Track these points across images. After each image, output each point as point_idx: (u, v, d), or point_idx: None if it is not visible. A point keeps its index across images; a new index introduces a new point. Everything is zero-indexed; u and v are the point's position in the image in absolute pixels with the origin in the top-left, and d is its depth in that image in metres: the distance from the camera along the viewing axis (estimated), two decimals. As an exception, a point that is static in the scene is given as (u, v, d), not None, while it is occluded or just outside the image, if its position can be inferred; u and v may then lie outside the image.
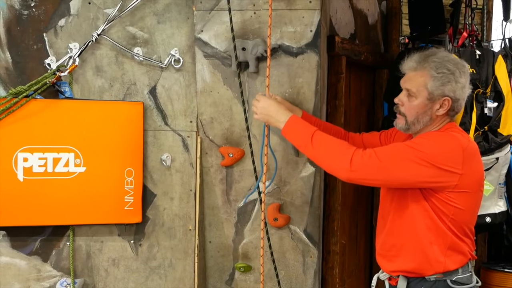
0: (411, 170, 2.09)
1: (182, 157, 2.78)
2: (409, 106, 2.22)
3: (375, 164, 2.10)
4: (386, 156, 2.12)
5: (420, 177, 2.11)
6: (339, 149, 2.17)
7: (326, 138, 2.22)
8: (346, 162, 2.11)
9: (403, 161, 2.10)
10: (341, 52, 3.07)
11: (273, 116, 2.35)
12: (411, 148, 2.11)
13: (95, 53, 2.71)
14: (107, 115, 2.68)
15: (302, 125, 2.29)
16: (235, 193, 2.81)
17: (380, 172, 2.11)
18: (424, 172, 2.09)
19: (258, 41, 2.60)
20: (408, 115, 2.23)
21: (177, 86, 2.74)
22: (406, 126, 2.26)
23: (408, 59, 2.27)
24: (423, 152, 2.08)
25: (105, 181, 2.69)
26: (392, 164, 2.11)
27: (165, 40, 2.72)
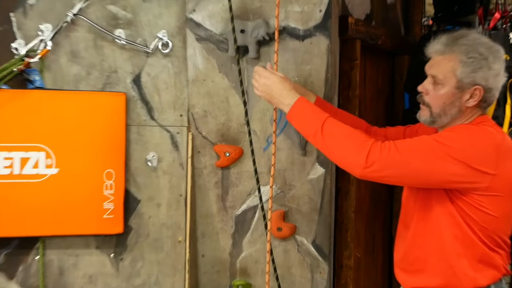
0: (436, 167, 2.13)
1: (171, 156, 2.83)
2: (434, 95, 2.27)
3: (394, 158, 2.14)
4: (408, 149, 2.16)
5: (446, 175, 2.14)
6: (354, 140, 2.20)
7: (339, 127, 2.25)
8: (362, 155, 2.15)
9: (427, 156, 2.14)
10: (355, 35, 3.13)
11: (277, 97, 2.38)
12: (437, 142, 2.15)
13: (70, 36, 2.74)
14: (84, 108, 2.72)
15: (311, 109, 2.32)
16: (232, 199, 2.86)
17: (399, 168, 2.15)
18: (450, 169, 2.12)
19: (260, 22, 2.68)
20: (434, 105, 2.28)
21: (165, 74, 2.80)
22: (431, 119, 2.31)
23: (434, 41, 2.32)
24: (451, 147, 2.12)
25: (80, 184, 2.72)
26: (414, 159, 2.15)
27: (152, 21, 2.77)
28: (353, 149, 2.20)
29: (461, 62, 2.22)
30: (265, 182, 2.83)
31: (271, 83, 2.40)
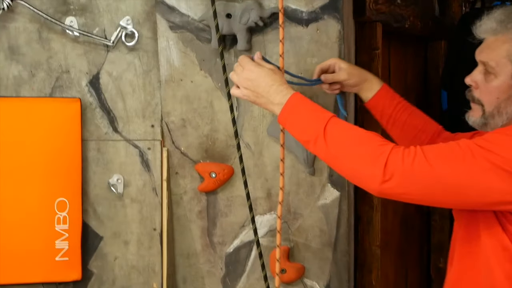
0: (479, 182, 2.01)
1: (141, 179, 2.81)
2: (486, 88, 2.19)
3: (421, 169, 2.01)
4: (440, 157, 2.03)
5: (493, 193, 2.02)
6: (368, 145, 2.09)
7: (348, 129, 2.16)
8: (378, 165, 2.03)
9: (467, 166, 2.01)
10: (374, 17, 3.09)
11: (264, 94, 2.27)
12: (480, 147, 2.02)
13: (8, 27, 2.73)
14: (27, 119, 2.70)
15: (310, 108, 2.23)
16: (221, 233, 2.83)
17: (428, 183, 2.02)
18: (499, 185, 2.00)
19: (250, 3, 2.62)
20: (486, 101, 2.20)
21: (131, 73, 2.78)
22: (482, 120, 2.21)
23: (486, 17, 2.22)
24: (499, 155, 2.00)
25: (25, 218, 2.71)
26: (448, 171, 2.02)
27: (112, 5, 2.74)
28: (366, 157, 2.07)
29: None
30: (263, 210, 2.80)
31: (255, 76, 2.27)
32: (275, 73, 2.28)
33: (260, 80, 2.26)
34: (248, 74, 2.28)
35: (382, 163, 2.02)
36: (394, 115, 2.61)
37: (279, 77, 2.28)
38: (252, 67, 2.29)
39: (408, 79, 3.83)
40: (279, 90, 2.24)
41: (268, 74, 2.27)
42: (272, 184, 2.75)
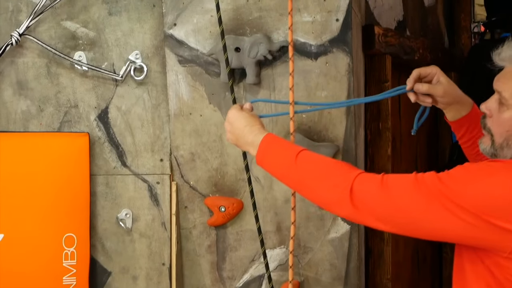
0: (433, 216, 1.98)
1: (150, 214, 2.79)
2: (498, 118, 2.11)
3: (376, 196, 2.01)
4: (397, 185, 2.02)
5: (448, 230, 1.98)
6: (335, 172, 2.11)
7: (317, 159, 2.17)
8: (344, 192, 2.04)
9: (421, 198, 1.99)
10: (384, 49, 3.08)
11: (240, 136, 2.31)
12: (439, 180, 1.99)
13: (17, 62, 2.74)
14: (35, 154, 2.69)
15: (282, 145, 2.24)
16: (230, 267, 2.81)
17: (382, 211, 2.02)
18: (454, 223, 1.96)
19: (259, 37, 2.62)
20: (496, 132, 2.12)
21: (140, 107, 2.77)
22: (491, 150, 2.14)
23: (506, 45, 2.13)
24: (453, 190, 1.96)
25: (32, 254, 2.68)
26: (402, 201, 2.00)
27: (121, 40, 2.75)
28: (333, 183, 2.09)
29: None
30: (273, 244, 2.78)
31: (233, 120, 2.32)
32: (251, 117, 2.32)
33: (236, 123, 2.30)
34: (229, 117, 2.33)
35: (348, 189, 2.03)
36: (473, 139, 2.47)
37: (254, 120, 2.31)
38: (233, 111, 2.33)
39: (418, 111, 3.78)
40: (251, 131, 2.26)
41: (244, 117, 2.31)
42: (282, 218, 2.72)
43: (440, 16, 4.06)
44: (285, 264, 2.77)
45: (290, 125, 2.32)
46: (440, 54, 3.81)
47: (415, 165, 3.76)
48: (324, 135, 2.67)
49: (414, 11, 3.66)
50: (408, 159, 3.59)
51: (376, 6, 3.20)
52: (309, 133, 2.68)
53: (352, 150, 2.69)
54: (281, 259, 2.77)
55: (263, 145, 2.23)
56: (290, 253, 2.41)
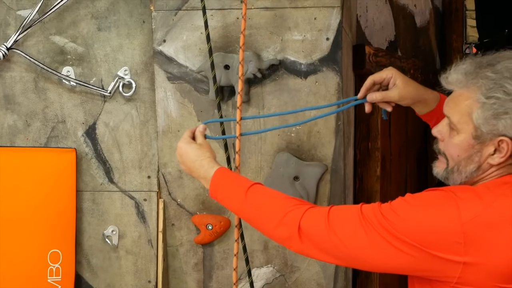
0: (379, 252, 1.96)
1: (136, 231, 2.78)
2: (448, 143, 2.08)
3: (322, 230, 2.00)
4: (340, 220, 2.01)
5: (392, 263, 1.96)
6: (284, 208, 2.09)
7: (265, 193, 2.16)
8: (292, 227, 2.04)
9: (363, 232, 1.97)
10: (374, 69, 3.04)
11: (193, 171, 2.29)
12: (381, 215, 1.98)
13: (4, 76, 2.73)
14: (21, 169, 2.68)
15: (233, 179, 2.23)
16: (217, 285, 2.79)
17: (328, 245, 2.01)
18: (396, 256, 1.94)
19: (248, 55, 2.61)
20: (448, 156, 2.10)
21: (128, 123, 2.76)
22: (444, 174, 2.12)
23: (454, 68, 2.08)
24: (397, 226, 1.94)
25: (16, 269, 2.67)
26: (346, 236, 1.99)
27: (110, 56, 2.74)
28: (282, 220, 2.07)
29: (478, 102, 1.99)
30: (260, 262, 2.76)
31: (182, 152, 2.30)
32: (201, 148, 2.29)
33: (185, 156, 2.28)
34: (178, 151, 2.31)
35: (296, 226, 2.03)
36: None
37: (203, 152, 2.28)
38: (181, 144, 2.31)
39: (409, 132, 3.80)
40: (201, 165, 2.25)
41: (192, 149, 2.28)
42: (269, 237, 2.69)
43: (432, 37, 4.06)
44: (271, 283, 2.75)
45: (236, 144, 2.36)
46: (431, 75, 3.79)
47: (404, 185, 3.74)
48: (312, 154, 2.65)
49: (406, 31, 3.66)
50: (397, 179, 3.57)
51: (368, 26, 3.19)
52: (297, 152, 2.65)
53: (341, 170, 2.66)
54: (267, 278, 2.74)
55: (214, 181, 2.21)
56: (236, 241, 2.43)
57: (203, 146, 2.30)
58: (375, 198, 3.10)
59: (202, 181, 2.26)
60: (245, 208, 2.15)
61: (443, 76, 2.11)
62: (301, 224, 2.02)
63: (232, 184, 2.20)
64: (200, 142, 2.31)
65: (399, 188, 3.66)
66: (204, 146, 2.29)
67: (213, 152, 2.29)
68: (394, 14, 3.49)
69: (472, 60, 2.06)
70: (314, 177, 2.64)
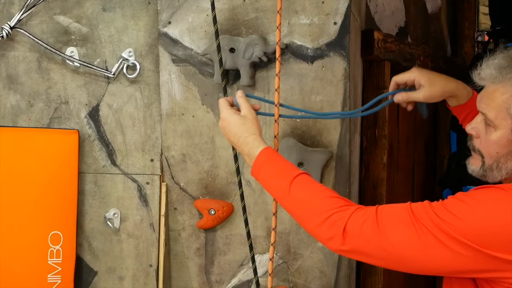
0: (432, 254, 1.92)
1: (138, 214, 2.77)
2: (485, 140, 2.05)
3: (369, 231, 1.96)
4: (389, 222, 1.97)
5: (449, 265, 1.92)
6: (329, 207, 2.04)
7: (311, 187, 2.11)
8: (338, 229, 1.98)
9: (414, 236, 1.93)
10: (383, 55, 3.04)
11: (236, 145, 2.25)
12: (435, 215, 1.93)
13: (7, 56, 2.72)
14: (23, 150, 2.67)
15: (279, 163, 2.18)
16: (219, 271, 2.78)
17: (378, 249, 1.96)
18: (454, 258, 1.90)
19: (255, 38, 2.59)
20: (485, 154, 2.05)
21: (132, 106, 2.74)
22: (481, 171, 2.08)
23: (485, 64, 2.06)
24: (451, 224, 1.89)
25: (17, 250, 2.67)
26: (395, 240, 1.95)
27: (114, 37, 2.72)
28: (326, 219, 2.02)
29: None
30: (263, 249, 2.75)
31: (225, 125, 2.26)
32: (247, 121, 2.24)
33: (228, 129, 2.25)
34: (221, 123, 2.28)
35: (341, 228, 1.99)
36: None
37: (248, 127, 2.23)
38: (224, 115, 2.28)
39: (418, 119, 3.78)
40: (246, 142, 2.21)
41: (236, 124, 2.24)
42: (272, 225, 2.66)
43: (443, 24, 4.03)
44: (274, 270, 2.73)
45: (274, 127, 2.31)
46: (442, 62, 3.77)
47: (412, 173, 3.72)
48: (318, 140, 2.62)
49: (417, 17, 3.63)
50: (405, 167, 3.55)
51: (377, 11, 3.17)
52: (302, 138, 2.63)
53: (346, 157, 2.64)
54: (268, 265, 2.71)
55: (259, 161, 2.17)
56: (270, 260, 2.39)
57: (247, 119, 2.24)
58: (381, 186, 3.07)
59: (246, 158, 2.22)
60: (288, 199, 2.10)
61: (475, 72, 2.08)
62: (347, 227, 1.97)
63: (277, 170, 2.16)
64: (244, 113, 2.25)
65: (406, 177, 3.64)
66: (249, 119, 2.24)
67: (258, 125, 2.24)
68: (405, 0, 3.45)
69: (504, 54, 2.05)
70: (319, 164, 2.61)
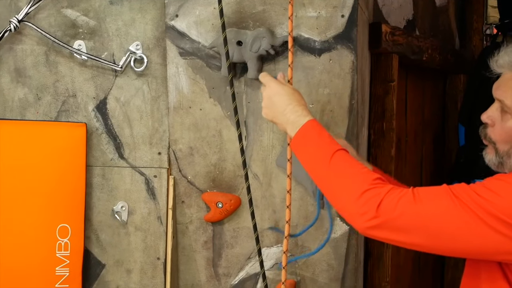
0: (473, 232, 1.89)
1: (146, 207, 2.77)
2: (501, 127, 2.06)
3: (409, 209, 1.92)
4: (429, 200, 1.93)
5: (489, 244, 1.90)
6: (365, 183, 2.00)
7: (351, 163, 2.09)
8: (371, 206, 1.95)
9: (459, 214, 1.90)
10: (391, 48, 3.04)
11: (280, 114, 2.21)
12: (477, 194, 1.91)
13: (15, 49, 2.72)
14: (31, 143, 2.68)
15: (321, 136, 2.15)
16: (226, 264, 2.79)
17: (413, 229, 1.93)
18: (495, 236, 1.88)
19: (262, 31, 2.58)
20: (499, 141, 2.07)
21: (139, 99, 2.74)
22: (497, 159, 2.08)
23: (503, 51, 2.09)
24: (497, 205, 1.87)
25: (25, 243, 2.67)
26: (437, 218, 1.91)
27: (121, 30, 2.72)
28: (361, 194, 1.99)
29: None
30: (270, 242, 2.75)
31: (274, 93, 2.23)
32: (294, 93, 2.24)
33: (277, 98, 2.22)
34: (268, 91, 2.25)
35: (375, 204, 1.95)
36: None
37: (298, 97, 2.23)
38: (274, 84, 2.26)
39: (426, 113, 3.77)
40: (295, 110, 2.18)
41: (287, 93, 2.22)
42: (280, 216, 2.69)
43: (451, 17, 4.01)
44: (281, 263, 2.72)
45: None
46: (450, 56, 3.76)
47: (420, 167, 3.71)
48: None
49: (425, 10, 3.62)
50: (413, 161, 3.54)
51: (385, 4, 3.15)
52: (310, 130, 2.62)
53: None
54: (277, 258, 2.73)
55: (303, 131, 2.15)
56: (284, 253, 2.38)
57: (297, 91, 2.25)
58: (388, 180, 3.07)
59: (288, 126, 2.18)
60: (327, 170, 2.08)
61: (493, 60, 2.08)
62: (383, 202, 1.94)
63: (321, 142, 2.13)
64: (292, 87, 2.27)
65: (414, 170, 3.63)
66: (298, 92, 2.25)
67: (305, 102, 2.24)
68: (413, -7, 3.45)
69: None
70: (326, 157, 2.61)
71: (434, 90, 3.87)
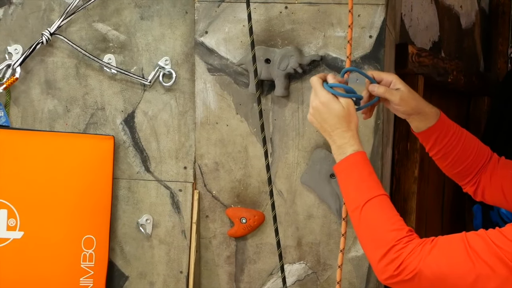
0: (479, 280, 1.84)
1: (170, 221, 2.77)
2: None
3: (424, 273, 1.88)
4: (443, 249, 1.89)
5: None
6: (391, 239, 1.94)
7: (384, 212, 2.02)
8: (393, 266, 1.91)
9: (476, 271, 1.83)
10: (417, 69, 3.03)
11: (327, 130, 2.11)
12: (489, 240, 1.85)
13: (46, 61, 2.73)
14: (60, 155, 2.68)
15: (366, 173, 2.07)
16: (248, 279, 2.77)
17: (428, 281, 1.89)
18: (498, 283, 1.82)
19: (290, 49, 2.59)
20: None
21: (167, 113, 2.75)
22: None
23: None
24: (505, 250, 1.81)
25: (50, 253, 2.67)
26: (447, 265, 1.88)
27: (151, 45, 2.73)
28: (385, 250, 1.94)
29: None
30: (292, 258, 2.73)
31: (324, 111, 2.09)
32: (346, 115, 2.09)
33: (327, 116, 2.08)
34: (318, 105, 2.11)
35: (396, 265, 1.91)
36: (444, 150, 2.33)
37: (348, 122, 2.08)
38: (325, 99, 2.10)
39: (450, 133, 3.73)
40: (342, 137, 2.07)
41: (337, 115, 2.08)
42: (303, 233, 2.68)
43: (477, 39, 4.01)
44: (303, 280, 2.72)
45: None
46: (474, 78, 3.75)
47: (442, 187, 3.68)
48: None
49: (451, 32, 3.61)
50: (435, 181, 3.52)
51: (412, 25, 3.15)
52: (335, 149, 2.61)
53: (378, 170, 2.62)
54: (299, 275, 2.72)
55: (347, 162, 2.07)
56: (339, 267, 2.34)
57: (349, 111, 2.09)
58: (411, 200, 3.05)
59: (333, 149, 2.10)
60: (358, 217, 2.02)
61: None
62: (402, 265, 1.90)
63: (360, 182, 2.05)
64: (345, 103, 2.09)
65: (437, 190, 3.61)
66: (350, 111, 2.08)
67: (357, 119, 2.09)
68: (439, 15, 3.44)
69: None
70: (351, 176, 2.60)
71: (458, 111, 3.86)
